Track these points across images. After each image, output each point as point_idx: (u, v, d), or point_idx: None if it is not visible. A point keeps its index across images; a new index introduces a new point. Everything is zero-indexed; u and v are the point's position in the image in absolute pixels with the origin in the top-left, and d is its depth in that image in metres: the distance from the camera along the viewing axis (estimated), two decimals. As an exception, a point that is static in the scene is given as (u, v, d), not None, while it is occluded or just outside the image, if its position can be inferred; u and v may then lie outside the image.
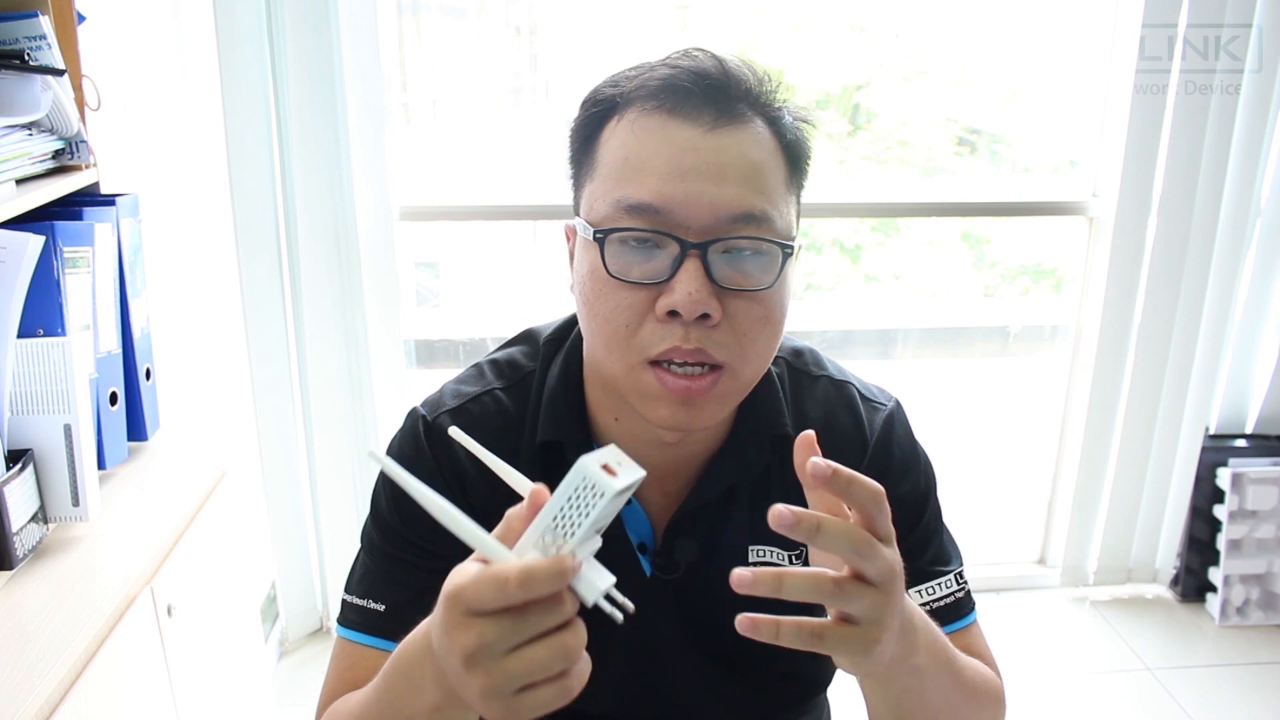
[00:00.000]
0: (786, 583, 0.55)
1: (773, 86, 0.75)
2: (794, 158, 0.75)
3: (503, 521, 0.57)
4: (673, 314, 0.70)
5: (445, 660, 0.55)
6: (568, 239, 0.79)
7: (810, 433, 0.60)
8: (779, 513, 0.53)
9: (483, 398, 0.85)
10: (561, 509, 0.54)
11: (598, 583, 0.54)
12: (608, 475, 0.53)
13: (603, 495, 0.53)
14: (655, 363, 0.71)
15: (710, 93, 0.71)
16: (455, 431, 0.63)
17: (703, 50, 0.75)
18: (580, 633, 0.54)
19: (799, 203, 0.78)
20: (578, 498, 0.53)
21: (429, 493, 0.56)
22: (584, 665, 0.55)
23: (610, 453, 0.55)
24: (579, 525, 0.53)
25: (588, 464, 0.53)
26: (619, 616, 0.55)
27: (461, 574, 0.54)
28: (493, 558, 0.55)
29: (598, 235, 0.72)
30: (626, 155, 0.72)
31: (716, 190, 0.69)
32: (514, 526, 0.56)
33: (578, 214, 0.77)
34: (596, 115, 0.75)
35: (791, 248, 0.72)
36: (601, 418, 0.83)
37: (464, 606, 0.53)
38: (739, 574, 0.54)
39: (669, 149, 0.70)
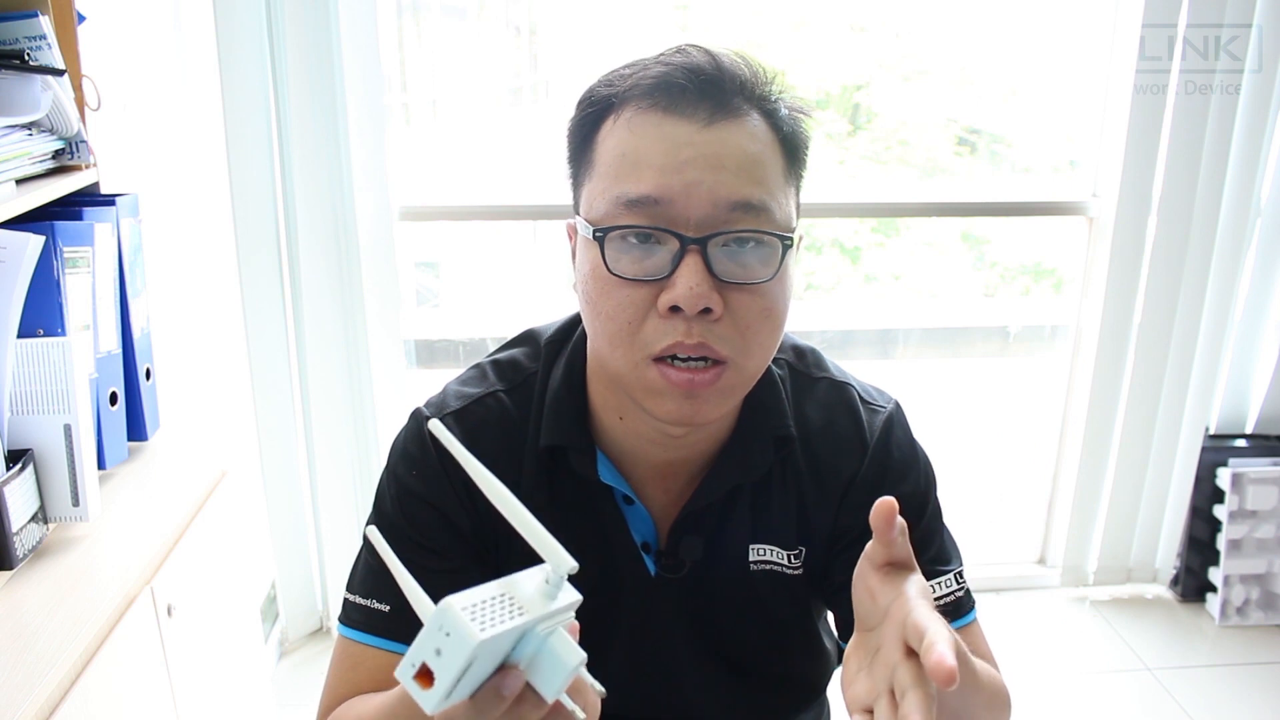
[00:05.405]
0: None
1: (768, 79, 0.75)
2: (791, 149, 0.75)
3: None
4: (674, 309, 0.70)
5: None
6: (569, 237, 0.79)
7: (891, 502, 0.60)
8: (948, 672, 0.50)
9: (486, 399, 0.85)
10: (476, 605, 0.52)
11: (554, 681, 0.54)
12: (468, 624, 0.49)
13: (467, 644, 0.49)
14: (659, 359, 0.71)
15: (705, 88, 0.71)
16: (435, 424, 0.60)
17: (696, 46, 0.75)
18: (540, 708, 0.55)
19: (798, 194, 0.78)
20: (439, 634, 0.51)
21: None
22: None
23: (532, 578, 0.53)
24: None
25: (449, 606, 0.50)
26: (580, 715, 0.55)
27: None
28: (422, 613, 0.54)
29: (597, 234, 0.72)
30: (624, 152, 0.72)
31: (714, 179, 0.70)
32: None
33: (577, 213, 0.77)
34: (593, 115, 0.75)
35: (791, 239, 0.72)
36: (606, 418, 0.83)
37: None
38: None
39: (665, 144, 0.70)
